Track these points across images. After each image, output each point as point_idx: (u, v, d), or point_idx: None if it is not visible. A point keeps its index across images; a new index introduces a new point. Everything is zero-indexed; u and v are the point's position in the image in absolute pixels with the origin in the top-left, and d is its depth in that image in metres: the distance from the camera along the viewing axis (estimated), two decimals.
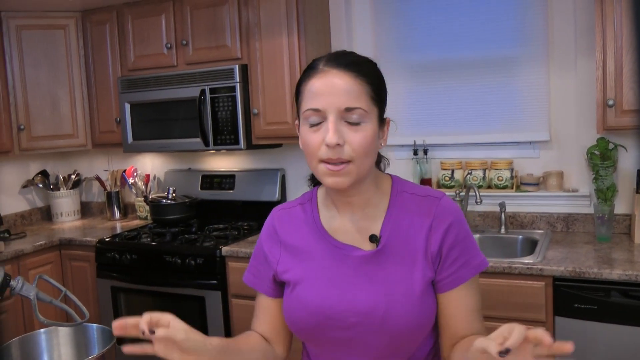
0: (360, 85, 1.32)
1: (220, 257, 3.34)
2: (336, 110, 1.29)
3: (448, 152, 3.60)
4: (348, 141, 1.30)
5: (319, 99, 1.31)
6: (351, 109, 1.30)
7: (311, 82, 1.33)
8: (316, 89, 1.32)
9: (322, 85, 1.31)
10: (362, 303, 1.36)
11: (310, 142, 1.32)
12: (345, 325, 1.37)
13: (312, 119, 1.32)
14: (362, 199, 1.42)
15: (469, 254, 1.40)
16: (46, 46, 4.09)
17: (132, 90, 3.93)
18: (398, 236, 1.40)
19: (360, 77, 1.32)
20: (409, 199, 1.43)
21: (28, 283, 1.65)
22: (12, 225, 4.38)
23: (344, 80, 1.31)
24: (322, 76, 1.32)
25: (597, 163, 3.06)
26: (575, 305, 2.56)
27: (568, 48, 3.23)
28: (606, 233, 3.01)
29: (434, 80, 3.57)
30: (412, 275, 1.37)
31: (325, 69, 1.33)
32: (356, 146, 1.30)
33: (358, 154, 1.31)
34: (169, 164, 4.47)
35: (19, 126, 4.03)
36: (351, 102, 1.30)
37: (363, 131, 1.31)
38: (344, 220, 1.45)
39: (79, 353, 1.92)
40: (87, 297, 3.84)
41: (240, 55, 3.63)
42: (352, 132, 1.30)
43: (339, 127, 1.30)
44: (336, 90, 1.30)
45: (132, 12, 3.96)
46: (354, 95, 1.30)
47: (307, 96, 1.34)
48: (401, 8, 3.62)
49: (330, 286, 1.39)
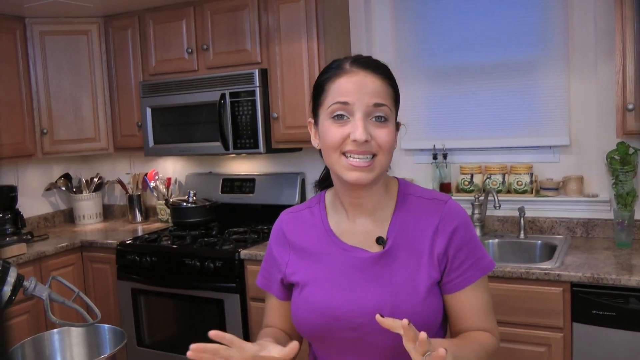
0: (386, 87, 1.38)
1: (239, 260, 3.36)
2: (365, 106, 1.34)
3: (467, 157, 3.59)
4: (374, 137, 1.34)
5: (348, 94, 1.35)
6: (379, 105, 1.35)
7: (339, 80, 1.37)
8: (345, 87, 1.36)
9: (352, 83, 1.36)
10: (368, 304, 1.38)
11: (334, 136, 1.36)
12: (352, 326, 1.39)
13: (337, 113, 1.36)
14: (371, 201, 1.45)
15: (475, 255, 1.42)
16: (69, 51, 4.15)
17: (153, 95, 3.97)
18: (404, 238, 1.42)
19: (386, 79, 1.38)
20: (415, 202, 1.46)
21: (41, 284, 1.68)
22: (35, 227, 4.44)
23: (372, 80, 1.36)
24: (352, 75, 1.37)
25: (616, 168, 3.03)
26: (593, 311, 2.54)
27: (588, 51, 3.21)
28: (626, 239, 2.98)
29: (453, 84, 3.56)
30: (418, 277, 1.39)
31: (353, 69, 1.37)
32: (382, 142, 1.35)
33: (383, 150, 1.35)
34: (190, 168, 4.51)
35: (42, 130, 4.09)
36: (380, 99, 1.35)
37: (388, 128, 1.36)
38: (351, 223, 1.47)
39: (90, 353, 1.95)
40: (108, 298, 3.89)
41: (260, 60, 3.65)
42: (377, 128, 1.35)
43: (366, 124, 1.34)
44: (366, 88, 1.35)
45: (154, 17, 4.00)
46: (382, 94, 1.36)
47: (333, 93, 1.37)
48: (421, 12, 3.62)
49: (337, 287, 1.42)
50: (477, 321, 1.43)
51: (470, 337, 1.42)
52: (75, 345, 1.94)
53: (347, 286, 1.41)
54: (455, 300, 1.42)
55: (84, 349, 1.94)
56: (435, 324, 1.42)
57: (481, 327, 1.44)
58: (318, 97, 1.42)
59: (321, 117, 1.40)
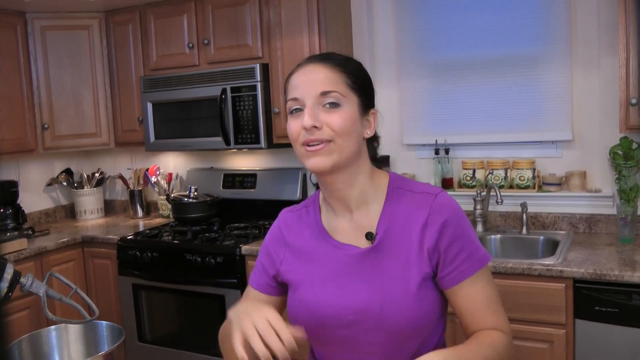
0: (336, 74, 1.39)
1: (240, 255, 3.35)
2: (313, 96, 1.37)
3: (470, 152, 3.57)
4: (325, 122, 1.36)
5: (298, 89, 1.39)
6: (327, 92, 1.37)
7: (293, 77, 1.43)
8: (296, 82, 1.41)
9: (300, 76, 1.41)
10: (359, 300, 1.38)
11: (292, 129, 1.39)
12: (345, 324, 1.39)
13: (293, 108, 1.39)
14: (354, 194, 1.44)
15: (469, 248, 1.40)
16: (70, 46, 4.14)
17: (154, 90, 3.96)
18: (394, 232, 1.41)
19: (337, 67, 1.40)
20: (405, 195, 1.45)
21: (38, 280, 1.67)
22: (37, 222, 4.44)
23: (319, 70, 1.40)
24: (303, 70, 1.42)
25: (620, 163, 3.01)
26: (596, 307, 2.52)
27: (591, 46, 3.19)
28: (629, 234, 2.96)
29: (455, 79, 3.54)
30: (408, 271, 1.38)
31: (304, 64, 1.43)
32: (334, 126, 1.35)
33: (337, 134, 1.36)
34: (191, 163, 4.50)
35: (43, 125, 4.08)
36: (326, 87, 1.37)
37: (340, 112, 1.37)
38: (342, 219, 1.48)
39: (88, 350, 1.94)
40: (109, 294, 3.89)
41: (261, 55, 3.63)
42: (328, 114, 1.36)
43: (316, 112, 1.36)
44: (313, 79, 1.38)
45: (155, 12, 3.99)
46: (329, 82, 1.38)
47: (289, 90, 1.42)
48: (423, 6, 3.60)
49: (329, 285, 1.42)
50: (483, 316, 1.41)
51: (477, 339, 1.38)
52: (73, 342, 1.93)
53: (338, 284, 1.42)
54: (455, 296, 1.41)
55: (81, 346, 1.93)
56: (431, 317, 1.40)
57: (489, 323, 1.41)
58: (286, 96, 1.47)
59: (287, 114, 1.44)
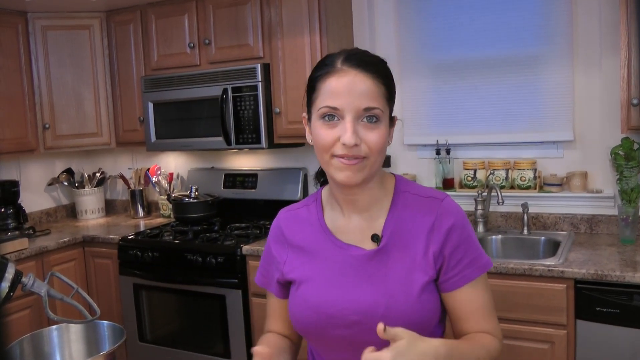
0: (377, 86, 1.34)
1: (240, 255, 3.35)
2: (355, 110, 1.31)
3: (471, 152, 3.57)
4: (365, 140, 1.32)
5: (338, 98, 1.32)
6: (370, 109, 1.32)
7: (329, 80, 1.34)
8: (335, 88, 1.33)
9: (342, 84, 1.32)
10: (362, 301, 1.38)
11: (325, 138, 1.34)
12: (346, 324, 1.39)
13: (328, 116, 1.34)
14: (366, 199, 1.44)
15: (473, 254, 1.41)
16: (71, 46, 4.14)
17: (155, 90, 3.95)
18: (399, 235, 1.42)
19: (378, 78, 1.34)
20: (412, 200, 1.45)
21: (39, 280, 1.67)
22: (38, 222, 4.44)
23: (363, 80, 1.32)
24: (342, 75, 1.33)
25: (621, 163, 3.01)
26: (597, 308, 2.52)
27: (593, 46, 3.18)
28: (630, 235, 2.96)
29: (456, 79, 3.54)
30: (412, 274, 1.39)
31: (344, 68, 1.34)
32: (372, 145, 1.33)
33: (373, 152, 1.34)
34: (192, 163, 4.50)
35: (44, 125, 4.08)
36: (370, 102, 1.32)
37: (379, 130, 1.34)
38: (347, 220, 1.47)
39: (89, 349, 1.94)
40: (110, 294, 3.89)
41: (263, 54, 3.63)
42: (368, 131, 1.33)
43: (356, 127, 1.32)
44: (356, 91, 1.31)
45: (156, 12, 3.99)
46: (373, 96, 1.32)
47: (324, 93, 1.35)
48: (424, 6, 3.59)
49: (332, 285, 1.42)
50: (477, 321, 1.42)
51: (471, 338, 1.40)
52: (74, 341, 1.93)
53: (341, 284, 1.41)
54: (453, 300, 1.41)
55: (83, 346, 1.93)
56: (432, 321, 1.41)
57: (482, 328, 1.42)
58: (310, 94, 1.40)
59: (313, 116, 1.39)
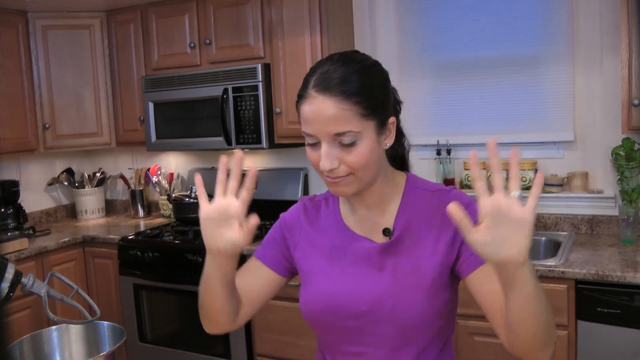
0: (347, 109, 1.31)
1: (240, 255, 3.33)
2: (327, 136, 1.32)
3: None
4: (343, 161, 1.33)
5: (311, 125, 1.33)
6: (341, 134, 1.31)
7: (303, 106, 1.35)
8: (307, 115, 1.34)
9: (311, 112, 1.33)
10: (372, 292, 1.40)
11: (312, 158, 1.37)
12: (355, 314, 1.41)
13: (309, 139, 1.36)
14: (375, 196, 1.47)
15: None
16: (71, 46, 4.14)
17: (155, 90, 3.95)
18: (410, 229, 1.44)
19: (348, 99, 1.31)
20: (421, 194, 1.48)
21: (39, 280, 1.67)
22: (38, 222, 4.44)
23: (328, 107, 1.31)
24: (311, 102, 1.33)
25: (622, 164, 3.01)
26: (598, 309, 2.52)
27: (594, 46, 3.18)
28: (631, 235, 2.96)
29: (457, 79, 3.54)
30: (423, 267, 1.40)
31: (312, 93, 1.33)
32: (352, 164, 1.33)
33: (356, 169, 1.34)
34: (193, 163, 4.49)
35: (45, 125, 4.08)
36: (339, 128, 1.31)
37: (356, 150, 1.33)
38: (360, 215, 1.50)
39: (89, 350, 1.94)
40: (110, 294, 3.89)
41: (263, 54, 3.63)
42: (346, 153, 1.33)
43: (332, 151, 1.32)
44: (324, 118, 1.31)
45: (156, 11, 3.98)
46: (342, 121, 1.31)
47: (301, 118, 1.36)
48: (425, 6, 3.59)
49: (343, 275, 1.45)
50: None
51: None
52: (74, 342, 1.93)
53: (352, 274, 1.44)
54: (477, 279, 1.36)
55: (83, 346, 1.93)
56: (442, 315, 1.41)
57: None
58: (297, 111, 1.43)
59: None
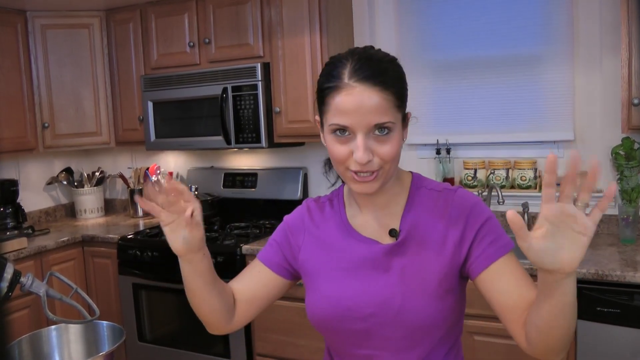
0: (387, 100, 1.29)
1: (240, 255, 3.34)
2: (365, 127, 1.28)
3: (471, 152, 3.56)
4: (377, 153, 1.30)
5: (347, 116, 1.28)
6: (381, 124, 1.28)
7: (337, 97, 1.30)
8: (343, 106, 1.29)
9: (349, 102, 1.28)
10: (378, 294, 1.38)
11: (338, 153, 1.32)
12: (362, 316, 1.39)
13: (339, 131, 1.31)
14: (384, 197, 1.45)
15: (496, 233, 1.38)
16: (70, 45, 4.14)
17: (154, 89, 3.95)
18: (417, 230, 1.42)
19: (387, 89, 1.29)
20: (427, 194, 1.46)
21: (38, 280, 1.66)
22: (37, 221, 4.44)
23: (371, 97, 1.27)
24: (349, 92, 1.28)
25: (621, 163, 3.01)
26: (597, 308, 2.52)
27: (593, 46, 3.18)
28: (630, 235, 2.96)
29: (457, 79, 3.54)
30: (430, 268, 1.38)
31: (351, 83, 1.29)
32: (386, 156, 1.31)
33: (387, 162, 1.32)
34: (192, 162, 4.49)
35: (44, 124, 4.08)
36: (380, 118, 1.28)
37: (391, 140, 1.31)
38: (366, 216, 1.48)
39: (89, 350, 1.94)
40: (109, 293, 3.89)
41: (263, 54, 3.62)
42: (380, 144, 1.30)
43: (368, 143, 1.29)
44: (365, 108, 1.27)
45: (156, 11, 3.98)
46: (383, 110, 1.28)
47: (332, 110, 1.31)
48: (424, 5, 3.59)
49: (349, 277, 1.43)
50: (526, 287, 1.32)
51: None
52: (73, 342, 1.93)
53: (359, 277, 1.42)
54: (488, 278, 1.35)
55: (82, 346, 1.93)
56: (448, 317, 1.39)
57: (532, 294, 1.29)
58: (320, 104, 1.37)
59: (325, 127, 1.36)
